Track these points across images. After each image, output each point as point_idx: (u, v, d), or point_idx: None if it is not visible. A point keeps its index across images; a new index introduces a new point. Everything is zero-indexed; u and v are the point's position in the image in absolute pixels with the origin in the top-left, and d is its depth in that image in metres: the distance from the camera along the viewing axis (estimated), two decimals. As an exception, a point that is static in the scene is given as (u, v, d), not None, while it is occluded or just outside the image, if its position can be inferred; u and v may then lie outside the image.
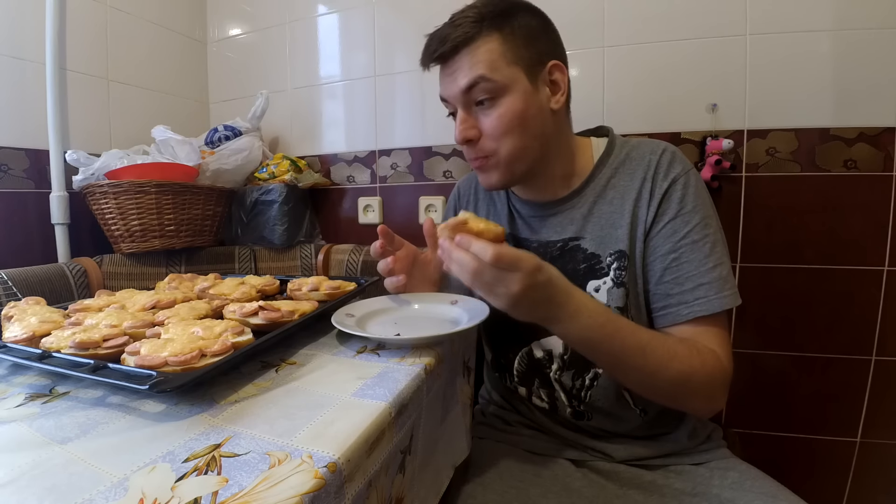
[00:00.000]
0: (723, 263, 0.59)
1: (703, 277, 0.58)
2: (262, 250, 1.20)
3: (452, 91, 0.61)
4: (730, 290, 0.58)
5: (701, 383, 0.55)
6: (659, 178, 0.61)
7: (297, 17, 1.32)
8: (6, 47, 0.94)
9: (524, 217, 0.71)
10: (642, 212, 0.61)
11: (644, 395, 0.59)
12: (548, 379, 0.68)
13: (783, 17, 0.93)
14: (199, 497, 0.27)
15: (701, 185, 0.62)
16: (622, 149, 0.66)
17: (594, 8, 1.03)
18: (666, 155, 0.62)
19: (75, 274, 0.91)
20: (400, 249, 0.67)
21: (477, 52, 0.58)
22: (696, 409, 0.60)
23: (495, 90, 0.58)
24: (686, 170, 0.62)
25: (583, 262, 0.64)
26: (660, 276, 0.60)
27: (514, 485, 0.62)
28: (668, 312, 0.60)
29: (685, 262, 0.59)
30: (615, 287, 0.62)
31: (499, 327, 0.72)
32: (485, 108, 0.60)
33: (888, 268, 0.92)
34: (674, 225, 0.60)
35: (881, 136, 0.90)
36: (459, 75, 0.59)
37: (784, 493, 0.56)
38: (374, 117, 1.26)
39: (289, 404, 0.39)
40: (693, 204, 0.60)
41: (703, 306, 0.57)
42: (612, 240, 0.63)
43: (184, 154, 1.06)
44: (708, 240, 0.59)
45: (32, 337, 0.48)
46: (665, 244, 0.60)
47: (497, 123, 0.59)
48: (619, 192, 0.64)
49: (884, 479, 0.96)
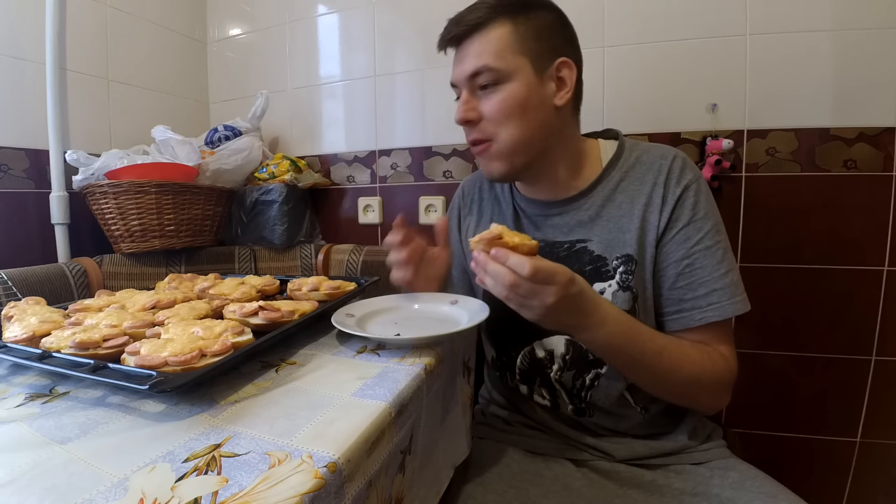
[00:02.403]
0: (733, 269, 0.60)
1: (715, 283, 0.59)
2: (262, 250, 1.20)
3: (459, 74, 0.63)
4: (740, 295, 0.60)
5: (710, 383, 0.59)
6: (672, 184, 0.62)
7: (297, 17, 1.32)
8: (6, 47, 0.94)
9: (529, 216, 0.72)
10: (653, 217, 0.62)
11: (655, 394, 0.62)
12: (548, 379, 0.69)
13: (783, 17, 0.92)
14: (199, 497, 0.27)
15: (709, 192, 0.64)
16: (632, 153, 0.67)
17: (594, 8, 1.03)
18: (677, 161, 0.63)
19: (75, 274, 0.91)
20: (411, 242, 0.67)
21: (486, 39, 0.60)
22: (702, 406, 0.64)
23: (499, 77, 0.60)
24: (697, 177, 0.63)
25: (589, 263, 0.64)
26: (673, 282, 0.61)
27: (514, 485, 0.62)
28: (681, 317, 0.61)
29: (698, 269, 0.60)
30: (620, 290, 0.62)
31: (501, 326, 0.72)
32: (487, 92, 0.61)
33: (888, 268, 0.92)
34: (687, 231, 0.61)
35: (881, 136, 0.90)
36: (467, 60, 0.61)
37: (784, 493, 0.56)
38: (374, 117, 1.26)
39: (289, 404, 0.39)
40: (705, 211, 0.61)
41: (716, 312, 0.59)
42: (620, 243, 0.63)
43: (184, 154, 1.06)
44: (720, 246, 0.60)
45: (32, 337, 0.48)
46: (679, 250, 0.61)
47: (497, 108, 0.60)
48: (628, 196, 0.64)
49: (884, 479, 0.96)
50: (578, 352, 0.66)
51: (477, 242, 0.49)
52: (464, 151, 1.17)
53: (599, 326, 0.52)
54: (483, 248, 0.49)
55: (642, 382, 0.60)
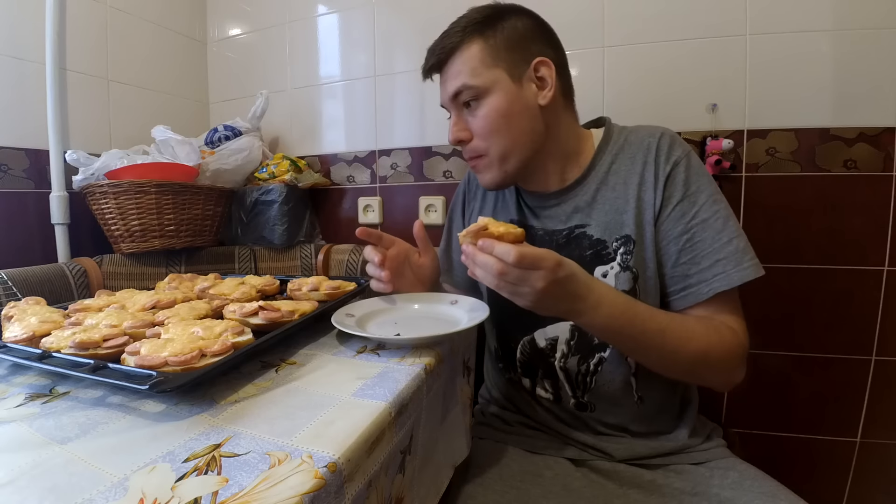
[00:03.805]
0: (738, 236, 0.60)
1: (718, 253, 0.59)
2: (262, 250, 1.20)
3: (444, 97, 0.66)
4: (749, 261, 0.58)
5: (719, 359, 0.57)
6: (661, 161, 0.62)
7: (296, 17, 1.32)
8: (6, 47, 0.94)
9: (531, 207, 0.73)
10: (648, 195, 0.63)
11: (665, 374, 0.61)
12: (552, 368, 0.69)
13: (783, 17, 0.92)
14: (199, 497, 0.27)
15: (701, 165, 0.64)
16: (620, 135, 0.68)
17: (594, 8, 1.03)
18: (665, 139, 0.64)
19: (75, 274, 0.91)
20: (391, 248, 0.68)
21: (461, 59, 0.63)
22: (715, 384, 0.62)
23: (478, 93, 0.62)
24: (686, 152, 0.63)
25: (589, 248, 0.65)
26: (676, 259, 0.61)
27: (514, 485, 0.62)
28: (689, 293, 0.61)
29: (698, 242, 0.60)
30: (622, 271, 0.63)
31: (502, 318, 0.72)
32: (472, 109, 0.64)
33: (888, 268, 0.92)
34: (682, 207, 0.61)
35: (881, 136, 0.90)
36: (448, 83, 0.65)
37: (784, 493, 0.56)
38: (373, 117, 1.26)
39: (289, 404, 0.39)
40: (696, 184, 0.61)
41: (723, 281, 0.58)
42: (618, 225, 0.64)
43: (184, 154, 1.06)
44: (719, 216, 0.60)
45: (32, 337, 0.48)
46: (676, 227, 0.61)
47: (483, 123, 0.63)
48: (621, 177, 0.65)
49: (884, 479, 0.96)
50: (583, 336, 0.66)
51: (464, 236, 0.50)
52: (464, 151, 1.17)
53: (595, 309, 0.52)
54: (471, 241, 0.50)
55: (649, 363, 0.60)
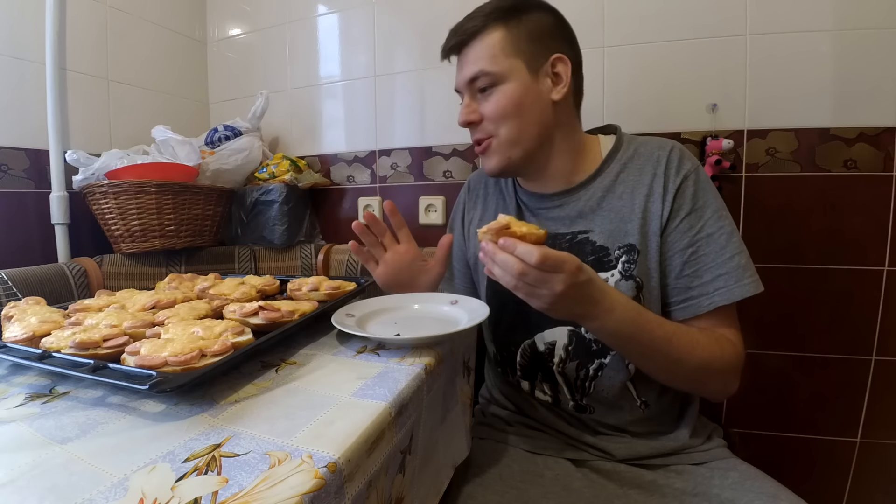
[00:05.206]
0: (741, 252, 0.61)
1: (721, 268, 0.60)
2: (262, 250, 1.20)
3: (460, 80, 0.67)
4: (749, 277, 0.59)
5: (719, 369, 0.59)
6: (671, 174, 0.63)
7: (296, 17, 1.32)
8: (6, 47, 0.94)
9: (531, 209, 0.73)
10: (655, 206, 0.63)
11: (666, 381, 0.62)
12: (550, 372, 0.69)
13: (783, 17, 0.92)
14: (199, 497, 0.27)
15: (709, 180, 0.65)
16: (630, 145, 0.68)
17: (594, 8, 1.03)
18: (675, 152, 0.65)
19: (75, 274, 0.91)
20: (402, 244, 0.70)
21: (482, 45, 0.64)
22: (712, 394, 0.64)
23: (495, 80, 0.63)
24: (695, 166, 0.64)
25: (591, 254, 0.65)
26: (679, 271, 0.62)
27: (514, 485, 0.62)
28: (689, 305, 0.62)
29: (702, 255, 0.61)
30: (623, 279, 0.63)
31: (502, 321, 0.72)
32: (486, 94, 0.65)
33: (888, 268, 0.92)
34: (689, 220, 0.62)
35: (881, 136, 0.90)
36: (466, 67, 0.66)
37: (784, 493, 0.56)
38: (374, 117, 1.26)
39: (289, 404, 0.39)
40: (704, 199, 0.62)
41: (724, 296, 0.59)
42: (622, 233, 0.64)
43: (184, 154, 1.06)
44: (723, 231, 0.61)
45: (32, 337, 0.48)
46: (682, 239, 0.62)
47: (495, 108, 0.64)
48: (628, 186, 0.65)
49: (884, 479, 0.96)
50: (581, 342, 0.66)
51: (485, 233, 0.49)
52: (464, 151, 1.17)
53: (608, 314, 0.53)
54: (491, 238, 0.49)
55: (652, 370, 0.60)
